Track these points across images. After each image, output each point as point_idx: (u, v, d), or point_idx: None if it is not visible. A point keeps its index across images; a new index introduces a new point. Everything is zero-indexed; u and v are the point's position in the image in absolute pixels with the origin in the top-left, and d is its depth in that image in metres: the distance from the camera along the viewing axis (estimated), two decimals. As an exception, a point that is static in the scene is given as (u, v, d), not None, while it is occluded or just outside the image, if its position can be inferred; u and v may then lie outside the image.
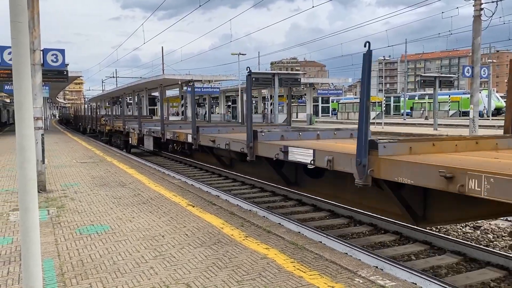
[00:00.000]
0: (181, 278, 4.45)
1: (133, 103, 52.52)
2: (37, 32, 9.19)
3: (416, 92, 71.71)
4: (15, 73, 2.65)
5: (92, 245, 5.62)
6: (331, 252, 5.24)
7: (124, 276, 4.53)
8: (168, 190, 9.39)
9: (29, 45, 3.36)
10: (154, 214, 7.21)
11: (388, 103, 64.47)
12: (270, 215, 8.03)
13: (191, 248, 5.43)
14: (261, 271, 4.61)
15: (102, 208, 7.75)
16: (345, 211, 9.18)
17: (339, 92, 45.00)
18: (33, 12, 8.99)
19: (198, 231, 6.20)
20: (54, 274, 4.59)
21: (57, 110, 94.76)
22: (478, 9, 19.48)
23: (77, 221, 6.86)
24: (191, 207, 7.75)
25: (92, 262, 4.97)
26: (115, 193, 9.06)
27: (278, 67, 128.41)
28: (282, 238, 5.78)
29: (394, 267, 5.44)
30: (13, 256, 5.21)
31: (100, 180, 10.86)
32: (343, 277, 4.45)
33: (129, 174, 11.92)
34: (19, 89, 2.65)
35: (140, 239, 5.82)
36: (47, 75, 13.21)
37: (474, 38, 19.83)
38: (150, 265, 4.83)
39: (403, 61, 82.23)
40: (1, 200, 8.48)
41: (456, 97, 55.17)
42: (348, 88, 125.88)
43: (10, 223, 6.78)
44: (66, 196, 8.88)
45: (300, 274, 4.51)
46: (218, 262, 4.90)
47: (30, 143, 2.70)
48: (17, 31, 2.61)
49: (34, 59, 9.09)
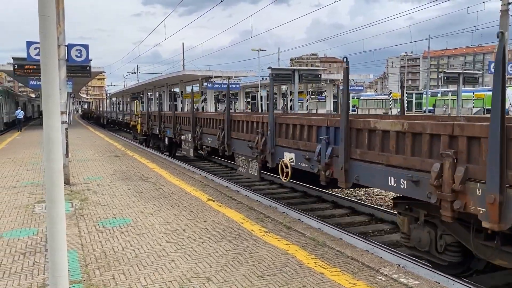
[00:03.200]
0: (202, 271, 4.47)
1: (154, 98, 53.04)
2: (62, 28, 9.34)
3: (439, 89, 70.43)
4: (43, 66, 2.69)
5: (114, 237, 5.70)
6: (353, 249, 5.19)
7: (146, 268, 4.58)
8: (188, 185, 9.45)
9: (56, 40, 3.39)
10: (175, 208, 7.26)
11: (410, 100, 63.49)
12: (290, 211, 8.00)
13: (212, 242, 5.45)
14: (282, 267, 4.59)
15: (124, 201, 7.85)
16: (366, 208, 9.09)
17: (360, 88, 44.44)
18: (58, 8, 9.13)
19: (218, 225, 6.22)
20: (78, 265, 4.67)
21: (79, 105, 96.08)
22: (506, 3, 18.95)
23: (100, 214, 6.97)
24: (212, 201, 7.78)
25: (115, 254, 5.04)
26: (136, 187, 9.17)
27: (298, 63, 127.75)
28: (303, 234, 5.75)
29: (417, 266, 5.34)
30: (39, 247, 5.32)
31: (122, 174, 11.00)
32: (365, 274, 4.40)
33: (150, 168, 12.05)
34: (46, 82, 2.69)
35: (161, 233, 5.87)
36: (70, 70, 13.41)
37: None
38: (171, 258, 4.87)
39: (425, 57, 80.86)
40: (27, 192, 8.68)
41: (480, 94, 53.92)
42: (369, 84, 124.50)
43: (35, 214, 6.93)
44: (89, 189, 9.02)
45: (321, 271, 4.48)
46: (239, 257, 4.90)
47: (57, 135, 2.74)
48: (45, 25, 2.65)
49: (59, 54, 9.23)
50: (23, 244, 5.42)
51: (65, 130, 9.39)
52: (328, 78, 38.52)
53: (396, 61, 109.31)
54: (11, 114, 38.37)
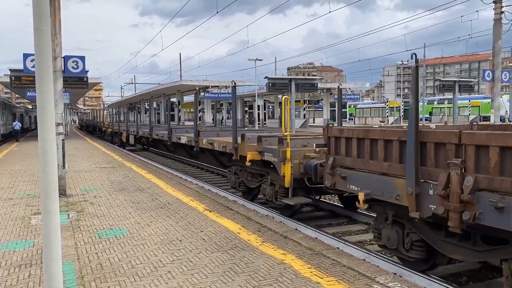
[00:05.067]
0: (198, 282, 4.47)
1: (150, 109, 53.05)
2: (59, 40, 9.39)
3: (435, 97, 70.77)
4: (38, 79, 2.72)
5: (111, 249, 5.69)
6: (349, 258, 5.19)
7: (142, 280, 4.57)
8: (185, 195, 9.44)
9: (51, 52, 3.43)
10: (171, 219, 7.26)
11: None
12: (287, 220, 8.00)
13: (208, 252, 5.45)
14: (278, 277, 4.59)
15: (121, 212, 7.84)
16: (363, 217, 9.09)
17: (357, 97, 44.59)
18: (54, 20, 9.20)
19: (215, 235, 6.22)
20: (74, 277, 4.66)
21: (76, 116, 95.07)
22: (499, 12, 19.15)
23: (96, 225, 6.96)
24: (208, 212, 7.78)
25: (111, 265, 5.03)
26: (133, 198, 9.16)
27: (295, 72, 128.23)
28: (299, 244, 5.75)
29: (413, 274, 5.34)
30: (34, 259, 5.31)
31: (119, 184, 10.99)
32: (361, 283, 4.41)
33: (147, 179, 12.04)
34: (41, 94, 2.72)
35: (158, 243, 5.86)
36: (67, 81, 13.48)
37: (494, 41, 19.50)
38: (167, 269, 4.86)
39: (421, 66, 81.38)
40: (23, 204, 8.66)
41: (477, 102, 54.21)
42: (366, 93, 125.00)
43: (31, 226, 6.91)
44: (85, 200, 9.01)
45: (317, 280, 4.48)
46: (235, 267, 4.90)
47: (52, 147, 2.76)
48: (40, 39, 2.69)
49: (56, 66, 9.29)
50: (19, 257, 5.40)
51: (62, 141, 9.39)
52: (325, 87, 38.68)
53: (392, 70, 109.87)
54: (8, 126, 38.33)
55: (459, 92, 29.06)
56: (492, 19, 19.35)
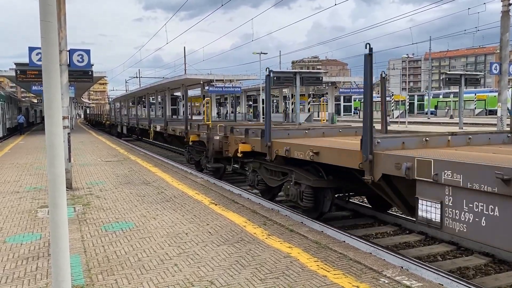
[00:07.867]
0: (205, 275, 4.47)
1: (155, 102, 53.08)
2: (64, 33, 9.38)
3: (440, 91, 70.33)
4: (44, 72, 2.70)
5: (117, 242, 5.70)
6: (355, 252, 5.18)
7: (148, 272, 4.58)
8: (191, 188, 9.45)
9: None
10: (177, 212, 7.27)
11: (412, 102, 63.36)
12: (292, 214, 7.99)
13: (214, 245, 5.45)
14: (285, 270, 4.59)
15: (127, 205, 7.86)
16: (369, 210, 9.07)
17: (362, 90, 44.47)
18: (59, 14, 9.19)
19: (221, 229, 6.22)
20: (81, 270, 4.68)
21: (81, 110, 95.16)
22: (507, 5, 18.93)
23: (103, 218, 6.98)
24: (214, 205, 7.78)
25: (118, 258, 5.04)
26: (139, 191, 9.18)
27: (300, 66, 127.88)
28: (305, 237, 5.75)
29: (420, 267, 5.33)
30: (42, 252, 5.33)
31: (125, 178, 11.02)
32: (368, 277, 4.40)
33: (153, 172, 12.06)
34: (48, 87, 2.71)
35: (164, 236, 5.87)
36: (72, 75, 13.42)
37: (502, 34, 19.28)
38: (174, 262, 4.87)
39: (427, 59, 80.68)
40: (30, 197, 8.70)
41: (483, 95, 53.85)
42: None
43: (38, 219, 6.95)
44: (91, 193, 9.04)
45: (324, 273, 4.48)
46: (241, 260, 4.90)
47: (59, 141, 2.75)
48: (47, 31, 2.67)
49: (61, 60, 9.28)
50: (26, 249, 5.43)
51: (68, 135, 9.41)
52: (330, 81, 38.49)
53: (398, 63, 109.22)
54: (14, 120, 38.52)
55: (465, 86, 28.82)
56: (500, 11, 19.13)
